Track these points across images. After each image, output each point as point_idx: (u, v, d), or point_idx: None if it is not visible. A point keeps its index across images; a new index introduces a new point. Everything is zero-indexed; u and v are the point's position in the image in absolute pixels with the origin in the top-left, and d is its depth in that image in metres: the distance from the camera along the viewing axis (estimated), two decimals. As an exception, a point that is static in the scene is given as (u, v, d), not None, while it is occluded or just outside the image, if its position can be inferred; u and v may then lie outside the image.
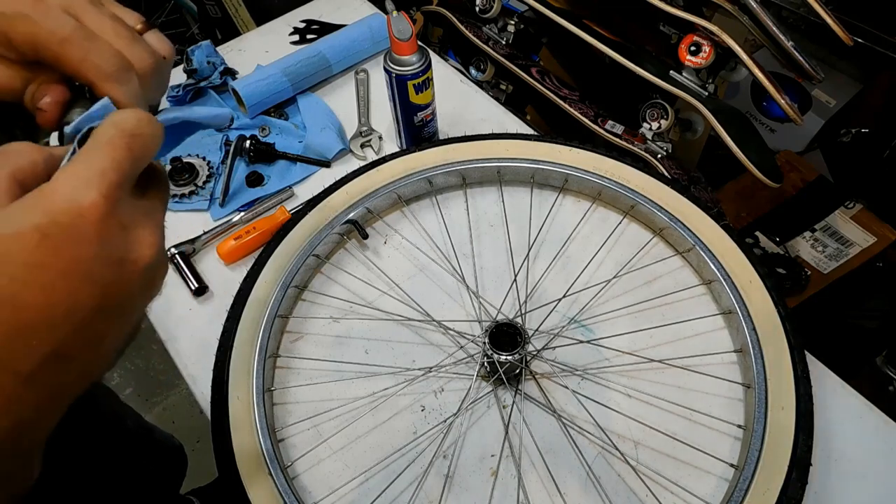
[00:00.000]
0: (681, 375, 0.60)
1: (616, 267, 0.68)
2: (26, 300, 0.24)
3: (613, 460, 0.56)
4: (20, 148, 0.28)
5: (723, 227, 0.65)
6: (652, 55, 0.86)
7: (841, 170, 1.11)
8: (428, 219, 0.74)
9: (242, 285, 0.65)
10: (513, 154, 0.73)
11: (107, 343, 0.27)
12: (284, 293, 0.64)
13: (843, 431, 0.57)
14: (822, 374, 0.60)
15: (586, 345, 0.63)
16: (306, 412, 0.60)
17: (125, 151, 0.27)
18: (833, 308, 1.10)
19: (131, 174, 0.28)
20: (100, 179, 0.26)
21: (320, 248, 0.68)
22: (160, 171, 0.32)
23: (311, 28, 1.02)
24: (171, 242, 0.72)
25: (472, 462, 0.57)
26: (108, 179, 0.26)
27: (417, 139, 0.79)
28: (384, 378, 0.62)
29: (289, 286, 0.65)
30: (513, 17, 1.00)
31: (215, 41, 0.97)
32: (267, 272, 0.65)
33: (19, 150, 0.28)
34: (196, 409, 0.63)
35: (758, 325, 0.58)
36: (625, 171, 0.71)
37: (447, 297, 0.68)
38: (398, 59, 0.69)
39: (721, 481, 0.55)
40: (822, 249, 1.05)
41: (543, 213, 0.73)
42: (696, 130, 0.86)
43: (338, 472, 0.57)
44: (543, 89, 0.93)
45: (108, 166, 0.27)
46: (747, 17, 0.70)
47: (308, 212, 0.70)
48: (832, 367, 0.61)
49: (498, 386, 0.61)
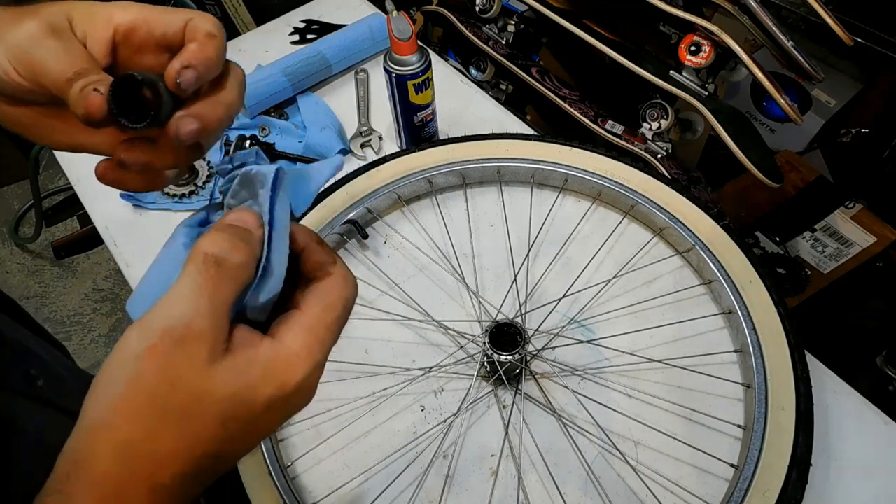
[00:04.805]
0: (681, 375, 0.60)
1: (616, 267, 0.68)
2: (235, 448, 0.28)
3: (613, 460, 0.56)
4: (241, 266, 0.29)
5: (723, 227, 0.65)
6: (652, 55, 0.86)
7: (841, 170, 1.11)
8: (428, 219, 0.74)
9: (242, 285, 0.65)
10: (513, 154, 0.73)
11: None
12: (284, 293, 0.64)
13: (843, 431, 0.57)
14: (822, 374, 0.60)
15: (586, 345, 0.63)
16: (306, 412, 0.60)
17: (341, 329, 0.31)
18: (833, 308, 1.10)
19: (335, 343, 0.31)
20: (322, 358, 0.30)
21: (320, 248, 0.68)
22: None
23: (311, 28, 1.02)
24: (171, 242, 0.72)
25: (472, 462, 0.57)
26: (326, 356, 0.30)
27: (417, 139, 0.79)
28: (384, 378, 0.62)
29: (289, 286, 0.64)
30: (513, 17, 1.00)
31: (215, 41, 0.96)
32: (267, 272, 0.65)
33: (240, 269, 0.29)
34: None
35: (758, 325, 0.58)
36: (625, 171, 0.71)
37: (447, 297, 0.68)
38: (398, 59, 0.69)
39: (721, 481, 0.55)
40: (822, 249, 1.05)
41: (543, 213, 0.73)
42: (696, 130, 0.86)
43: (338, 472, 0.57)
44: (543, 89, 0.93)
45: (331, 344, 0.30)
46: (747, 17, 0.70)
47: (308, 212, 0.70)
48: (832, 367, 0.61)
49: (498, 386, 0.61)
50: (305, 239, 0.32)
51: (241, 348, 0.28)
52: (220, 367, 0.26)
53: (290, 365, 0.28)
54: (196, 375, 0.26)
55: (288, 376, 0.28)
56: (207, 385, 0.26)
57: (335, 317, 0.30)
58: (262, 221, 0.30)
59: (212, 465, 0.27)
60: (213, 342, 0.26)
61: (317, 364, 0.29)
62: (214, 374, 0.26)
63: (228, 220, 0.30)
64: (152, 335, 0.26)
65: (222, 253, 0.28)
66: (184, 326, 0.26)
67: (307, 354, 0.29)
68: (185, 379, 0.26)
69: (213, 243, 0.28)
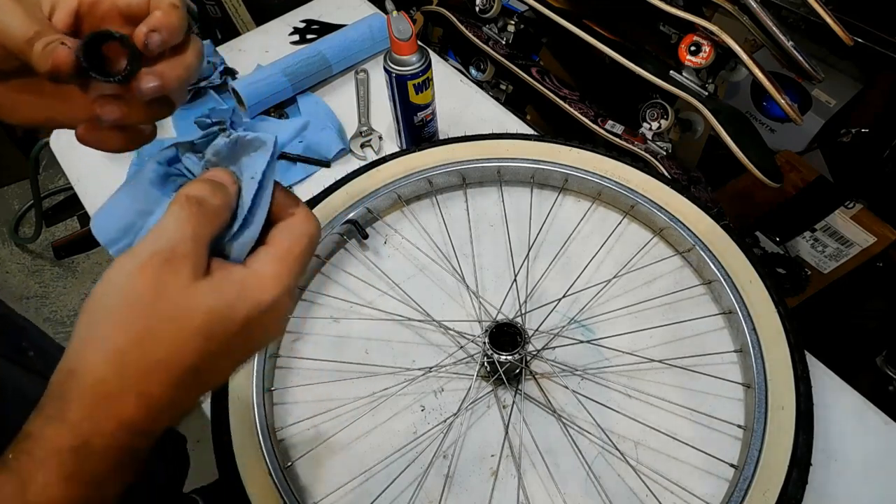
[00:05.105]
0: (681, 375, 0.60)
1: (616, 267, 0.68)
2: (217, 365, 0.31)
3: (613, 460, 0.56)
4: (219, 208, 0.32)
5: (723, 227, 0.65)
6: (652, 55, 0.86)
7: (841, 170, 1.11)
8: (428, 219, 0.74)
9: (242, 285, 0.65)
10: (513, 154, 0.73)
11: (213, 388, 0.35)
12: (284, 293, 0.64)
13: (843, 431, 0.57)
14: (822, 374, 0.60)
15: (586, 345, 0.63)
16: (306, 412, 0.60)
17: (307, 263, 0.35)
18: (833, 308, 1.10)
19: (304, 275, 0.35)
20: (291, 283, 0.33)
21: (320, 248, 0.68)
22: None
23: (311, 28, 1.02)
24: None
25: (472, 462, 0.57)
26: (294, 283, 0.33)
27: (417, 139, 0.79)
28: (384, 378, 0.62)
29: (289, 286, 0.64)
30: (513, 17, 1.00)
31: (215, 41, 0.97)
32: (267, 272, 0.65)
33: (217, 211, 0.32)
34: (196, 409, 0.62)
35: (758, 325, 0.58)
36: (625, 170, 0.71)
37: (447, 297, 0.68)
38: (398, 59, 0.69)
39: (721, 481, 0.55)
40: (822, 249, 1.05)
41: (543, 213, 0.73)
42: (696, 130, 0.86)
43: (338, 472, 0.57)
44: (543, 89, 0.93)
45: (298, 273, 0.34)
46: (747, 17, 0.70)
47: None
48: (832, 367, 0.61)
49: (498, 386, 0.61)
50: (275, 189, 0.36)
51: (219, 273, 0.31)
52: (201, 285, 0.30)
53: (263, 285, 0.32)
54: (180, 291, 0.29)
55: (261, 295, 0.31)
56: (190, 301, 0.29)
57: (301, 248, 0.34)
58: (235, 179, 0.35)
59: (193, 382, 0.30)
60: (194, 264, 0.30)
61: (286, 288, 0.32)
62: (196, 291, 0.30)
63: (207, 176, 0.34)
64: (141, 257, 0.29)
65: (203, 195, 0.32)
66: (169, 250, 0.29)
67: (277, 278, 0.32)
68: (171, 293, 0.29)
69: (195, 188, 0.32)
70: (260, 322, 0.32)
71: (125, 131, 0.37)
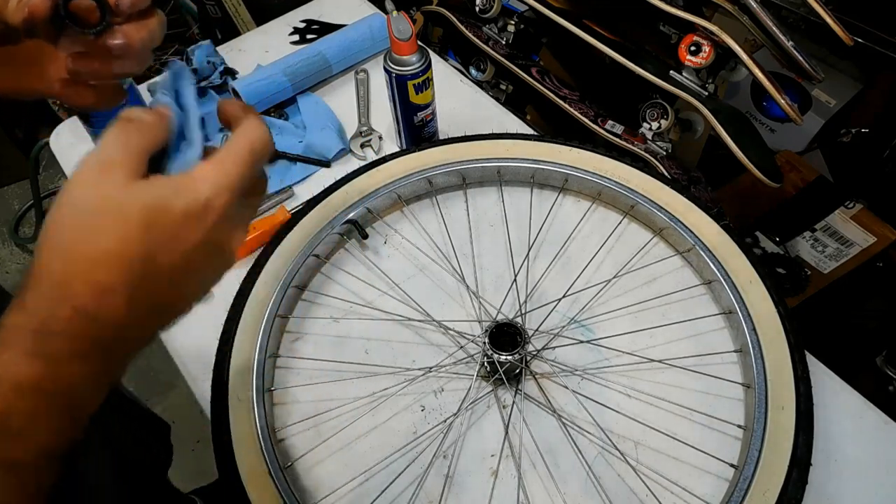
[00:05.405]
0: (681, 375, 0.60)
1: (616, 267, 0.68)
2: (163, 260, 0.32)
3: (613, 460, 0.56)
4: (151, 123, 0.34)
5: (723, 227, 0.65)
6: (652, 55, 0.86)
7: (841, 170, 1.11)
8: (428, 219, 0.74)
9: (242, 285, 0.65)
10: (513, 154, 0.73)
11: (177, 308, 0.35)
12: (284, 293, 0.64)
13: (843, 431, 0.57)
14: (822, 374, 0.60)
15: (586, 345, 0.63)
16: (306, 412, 0.60)
17: (251, 167, 0.35)
18: (833, 308, 1.10)
19: (250, 183, 0.35)
20: (233, 183, 0.34)
21: (320, 248, 0.68)
22: (265, 179, 0.39)
23: (311, 28, 1.02)
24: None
25: (472, 462, 0.57)
26: (237, 186, 0.34)
27: (417, 139, 0.79)
28: (384, 378, 0.62)
29: (289, 286, 0.65)
30: (513, 17, 1.00)
31: (215, 41, 0.96)
32: (267, 272, 0.65)
33: (150, 125, 0.34)
34: (196, 409, 0.63)
35: (758, 325, 0.58)
36: (625, 171, 0.71)
37: (447, 297, 0.68)
38: (398, 59, 0.69)
39: (721, 481, 0.55)
40: (822, 249, 1.05)
41: (543, 213, 0.73)
42: (696, 130, 0.86)
43: (338, 472, 0.57)
44: (543, 89, 0.93)
45: (241, 174, 0.34)
46: (747, 17, 0.70)
47: (308, 212, 0.70)
48: (832, 367, 0.61)
49: (498, 386, 0.61)
50: (221, 101, 0.39)
51: (157, 178, 0.33)
52: (138, 184, 0.32)
53: (199, 183, 0.33)
54: (116, 189, 0.31)
55: (196, 192, 0.33)
56: (127, 197, 0.31)
57: (241, 150, 0.35)
58: (169, 105, 0.37)
59: (144, 274, 0.31)
60: (129, 168, 0.32)
61: (225, 187, 0.33)
62: (133, 188, 0.32)
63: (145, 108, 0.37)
64: (81, 169, 0.32)
65: (135, 114, 0.35)
66: (103, 159, 0.32)
67: (214, 176, 0.33)
68: (107, 192, 0.31)
69: (130, 111, 0.35)
70: (203, 219, 0.33)
71: (96, 89, 0.42)
